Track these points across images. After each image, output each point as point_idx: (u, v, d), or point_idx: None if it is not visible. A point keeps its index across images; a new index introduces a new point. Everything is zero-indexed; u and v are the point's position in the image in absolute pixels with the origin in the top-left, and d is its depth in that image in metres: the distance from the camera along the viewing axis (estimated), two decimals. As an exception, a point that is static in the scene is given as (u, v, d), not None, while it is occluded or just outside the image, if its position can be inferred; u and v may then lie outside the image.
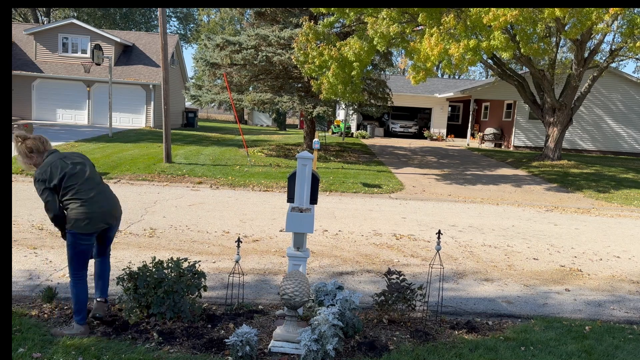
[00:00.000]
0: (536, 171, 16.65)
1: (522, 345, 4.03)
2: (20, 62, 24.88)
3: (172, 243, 6.65)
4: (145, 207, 8.80)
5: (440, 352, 3.78)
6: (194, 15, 52.82)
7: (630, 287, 5.96)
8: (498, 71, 18.51)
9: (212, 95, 16.98)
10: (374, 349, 3.79)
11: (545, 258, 7.00)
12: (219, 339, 3.82)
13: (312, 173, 4.28)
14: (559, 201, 12.09)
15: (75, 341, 3.62)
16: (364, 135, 28.23)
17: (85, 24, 26.59)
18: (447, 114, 30.08)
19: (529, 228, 8.96)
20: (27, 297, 4.53)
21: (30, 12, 40.42)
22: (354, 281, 5.56)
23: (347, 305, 3.98)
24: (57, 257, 5.71)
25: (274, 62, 15.72)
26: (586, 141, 24.89)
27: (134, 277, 4.05)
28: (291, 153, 17.97)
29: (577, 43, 16.65)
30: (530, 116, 23.97)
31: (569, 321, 4.65)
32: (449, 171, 16.21)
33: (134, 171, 12.41)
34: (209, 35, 17.79)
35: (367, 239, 7.48)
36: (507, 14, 10.56)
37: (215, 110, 45.74)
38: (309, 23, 13.51)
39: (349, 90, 13.47)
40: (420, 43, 11.83)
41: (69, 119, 25.21)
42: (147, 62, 26.61)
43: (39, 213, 7.81)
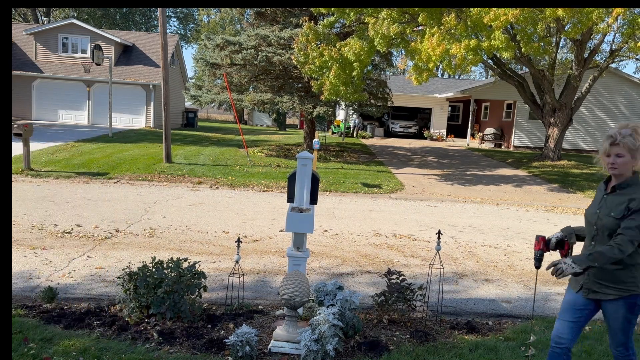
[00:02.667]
0: (536, 171, 16.65)
1: (522, 345, 4.03)
2: (20, 62, 24.87)
3: (172, 243, 6.65)
4: (145, 207, 8.80)
5: (440, 352, 3.78)
6: (194, 15, 52.83)
7: (631, 287, 5.96)
8: (498, 71, 18.51)
9: (212, 95, 16.98)
10: (374, 349, 3.79)
11: (545, 258, 6.99)
12: (219, 339, 3.82)
13: (312, 173, 4.27)
14: (559, 201, 12.08)
15: (76, 341, 3.61)
16: (364, 135, 28.23)
17: (85, 24, 26.59)
18: (447, 114, 30.07)
19: (529, 228, 8.96)
20: (27, 297, 4.53)
21: (30, 12, 40.42)
22: (354, 281, 5.56)
23: (347, 306, 3.97)
24: (57, 257, 5.71)
25: (274, 62, 15.71)
26: (587, 141, 24.88)
27: (134, 277, 4.04)
28: (291, 153, 17.97)
29: (577, 43, 16.65)
30: (530, 116, 23.96)
31: (569, 321, 4.64)
32: (449, 171, 16.21)
33: (134, 171, 12.40)
34: (209, 35, 17.80)
35: (367, 239, 7.48)
36: (507, 14, 10.56)
37: (215, 111, 45.73)
38: (309, 23, 13.51)
39: (350, 91, 13.47)
40: (421, 43, 11.83)
41: (69, 119, 25.20)
42: (147, 62, 26.60)
43: (39, 213, 7.82)
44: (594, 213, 2.88)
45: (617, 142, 2.73)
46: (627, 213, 2.69)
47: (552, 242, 3.11)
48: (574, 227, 3.07)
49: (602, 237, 2.82)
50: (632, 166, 2.74)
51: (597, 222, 2.82)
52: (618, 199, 2.75)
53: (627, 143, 2.71)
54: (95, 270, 5.38)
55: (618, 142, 2.72)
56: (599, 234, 2.83)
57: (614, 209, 2.74)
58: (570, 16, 11.14)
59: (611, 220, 2.74)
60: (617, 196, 2.77)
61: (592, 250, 2.76)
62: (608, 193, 2.84)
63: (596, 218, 2.84)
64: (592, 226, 2.88)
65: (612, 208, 2.75)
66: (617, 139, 2.73)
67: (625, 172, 2.76)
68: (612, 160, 2.76)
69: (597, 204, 2.89)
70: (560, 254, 3.10)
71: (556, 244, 3.09)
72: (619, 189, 2.78)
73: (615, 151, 2.75)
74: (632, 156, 2.73)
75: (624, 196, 2.73)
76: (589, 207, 2.98)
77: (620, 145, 2.72)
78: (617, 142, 2.73)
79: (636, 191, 2.73)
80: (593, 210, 2.90)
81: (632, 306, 2.80)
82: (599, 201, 2.89)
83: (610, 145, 2.75)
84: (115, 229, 7.17)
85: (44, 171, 11.69)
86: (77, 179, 11.35)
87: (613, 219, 2.73)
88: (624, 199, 2.72)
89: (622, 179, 2.79)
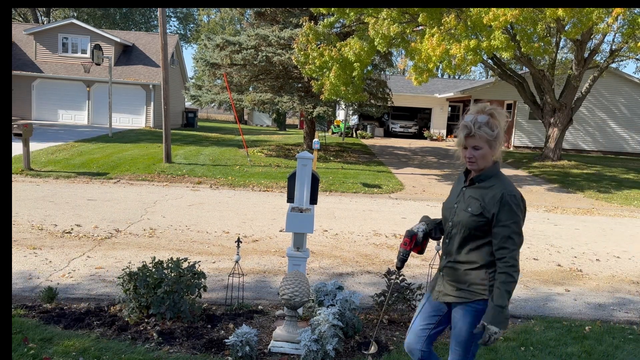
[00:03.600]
0: (536, 171, 16.65)
1: (522, 345, 4.02)
2: (20, 62, 24.87)
3: (171, 243, 6.65)
4: (145, 207, 8.80)
5: (440, 352, 3.78)
6: (194, 15, 52.84)
7: (630, 287, 5.96)
8: (498, 71, 18.51)
9: (212, 95, 16.99)
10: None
11: (545, 258, 7.00)
12: (218, 339, 3.81)
13: (312, 173, 4.27)
14: (559, 201, 12.08)
15: (75, 341, 3.61)
16: (364, 135, 28.23)
17: (85, 24, 26.58)
18: (447, 114, 30.07)
19: (529, 228, 8.95)
20: (26, 297, 4.52)
21: (30, 12, 40.41)
22: (354, 281, 5.56)
23: (347, 306, 3.97)
24: (56, 257, 5.71)
25: (274, 62, 15.71)
26: (587, 142, 24.88)
27: (134, 278, 4.04)
28: (291, 153, 17.96)
29: (577, 43, 16.65)
30: (530, 116, 23.95)
31: (569, 321, 4.64)
32: (449, 171, 16.21)
33: (133, 171, 12.40)
34: (209, 35, 17.80)
35: (367, 239, 7.48)
36: (507, 14, 10.56)
37: (215, 111, 45.73)
38: (309, 23, 13.51)
39: (351, 91, 13.48)
40: (421, 43, 11.83)
41: (69, 119, 25.20)
42: (147, 62, 26.60)
43: (39, 213, 7.82)
44: (450, 208, 2.56)
45: (473, 134, 2.40)
46: (489, 215, 2.37)
47: (419, 238, 2.66)
48: (434, 220, 2.72)
49: (457, 235, 2.48)
50: (491, 156, 2.44)
51: (454, 218, 2.51)
52: (477, 193, 2.44)
53: (483, 135, 2.39)
54: (95, 270, 5.38)
55: (473, 133, 2.40)
56: (454, 231, 2.50)
57: (472, 203, 2.43)
58: (570, 16, 11.14)
59: (467, 216, 2.42)
60: (476, 189, 2.46)
61: (495, 298, 2.31)
62: (467, 186, 2.53)
63: (453, 213, 2.52)
64: (447, 222, 2.56)
65: (470, 203, 2.44)
66: (472, 130, 2.40)
67: (485, 164, 2.45)
68: (469, 154, 2.44)
69: (455, 197, 2.57)
70: (415, 250, 2.69)
71: (422, 240, 2.67)
72: (478, 181, 2.47)
73: (472, 143, 2.42)
74: (491, 146, 2.41)
75: (483, 189, 2.43)
76: (447, 200, 2.64)
77: (477, 137, 2.40)
78: (472, 133, 2.40)
79: (496, 183, 2.42)
80: (450, 204, 2.58)
81: (478, 313, 2.42)
82: (457, 194, 2.57)
83: (466, 137, 2.43)
84: (115, 229, 7.16)
85: (44, 171, 11.69)
86: (77, 179, 11.35)
87: (470, 215, 2.41)
88: (482, 193, 2.42)
89: (481, 170, 2.48)
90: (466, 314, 2.47)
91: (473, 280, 2.45)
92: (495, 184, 2.41)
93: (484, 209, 2.38)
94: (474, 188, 2.48)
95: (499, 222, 2.35)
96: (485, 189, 2.42)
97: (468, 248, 2.46)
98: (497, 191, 2.38)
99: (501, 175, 2.47)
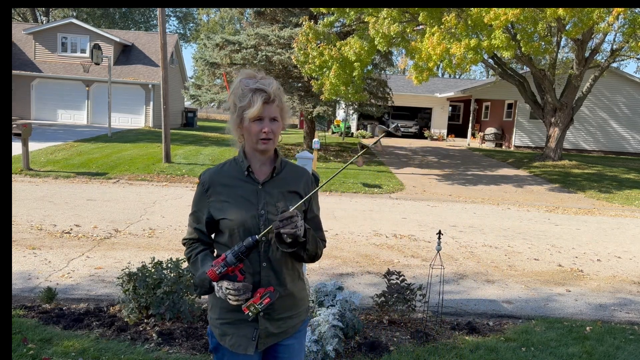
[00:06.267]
0: (537, 171, 16.63)
1: (523, 346, 4.01)
2: (19, 62, 24.85)
3: (171, 243, 6.63)
4: (144, 207, 8.78)
5: (441, 352, 3.76)
6: (194, 14, 52.84)
7: (631, 287, 5.94)
8: (499, 71, 18.49)
9: (212, 94, 16.98)
10: (374, 349, 3.77)
11: (546, 258, 6.98)
12: (218, 339, 3.79)
13: (312, 173, 4.25)
14: (560, 201, 12.06)
15: (75, 342, 3.60)
16: (364, 135, 28.21)
17: (84, 23, 26.57)
18: (447, 114, 30.06)
19: (530, 228, 8.94)
20: (26, 297, 4.51)
21: (29, 12, 40.41)
22: (354, 282, 5.54)
23: (347, 306, 3.96)
24: (56, 258, 5.69)
25: (274, 62, 15.70)
26: (588, 141, 24.87)
27: (133, 278, 4.02)
28: (291, 153, 17.95)
29: (578, 42, 16.63)
30: (531, 116, 23.94)
31: (570, 322, 4.63)
32: (450, 171, 16.19)
33: (133, 171, 12.38)
34: (209, 34, 17.81)
35: (367, 239, 7.46)
36: (508, 13, 10.55)
37: (215, 110, 45.69)
38: (309, 23, 13.49)
39: (351, 91, 13.46)
40: (421, 43, 11.82)
41: (68, 119, 25.18)
42: (146, 61, 26.57)
43: (38, 213, 7.80)
44: (254, 216, 1.85)
45: (273, 99, 1.80)
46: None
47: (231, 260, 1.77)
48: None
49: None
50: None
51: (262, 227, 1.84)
52: (283, 187, 1.90)
53: (283, 101, 1.85)
54: (95, 271, 5.36)
55: (274, 98, 1.80)
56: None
57: (286, 201, 1.86)
58: (571, 16, 11.13)
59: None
60: (281, 183, 1.90)
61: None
62: (266, 181, 1.88)
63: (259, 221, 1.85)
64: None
65: (280, 200, 1.87)
66: (271, 95, 1.79)
67: (274, 146, 1.89)
68: (266, 127, 1.80)
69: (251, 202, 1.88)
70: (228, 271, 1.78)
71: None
72: (276, 173, 1.91)
73: (272, 113, 1.81)
74: (283, 119, 1.87)
75: (288, 183, 1.92)
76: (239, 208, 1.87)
77: (276, 104, 1.81)
78: (272, 98, 1.80)
79: (298, 171, 1.97)
80: (250, 212, 1.85)
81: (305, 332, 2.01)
82: (254, 195, 1.87)
83: (265, 103, 1.78)
84: (115, 229, 7.15)
85: (43, 171, 11.67)
86: (76, 179, 11.33)
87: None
88: (290, 188, 1.91)
89: (271, 155, 1.92)
90: (302, 338, 2.07)
91: (303, 294, 2.06)
92: (299, 173, 1.98)
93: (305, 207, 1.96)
94: (276, 182, 1.91)
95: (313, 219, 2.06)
96: (291, 183, 1.93)
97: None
98: (303, 180, 1.96)
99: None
